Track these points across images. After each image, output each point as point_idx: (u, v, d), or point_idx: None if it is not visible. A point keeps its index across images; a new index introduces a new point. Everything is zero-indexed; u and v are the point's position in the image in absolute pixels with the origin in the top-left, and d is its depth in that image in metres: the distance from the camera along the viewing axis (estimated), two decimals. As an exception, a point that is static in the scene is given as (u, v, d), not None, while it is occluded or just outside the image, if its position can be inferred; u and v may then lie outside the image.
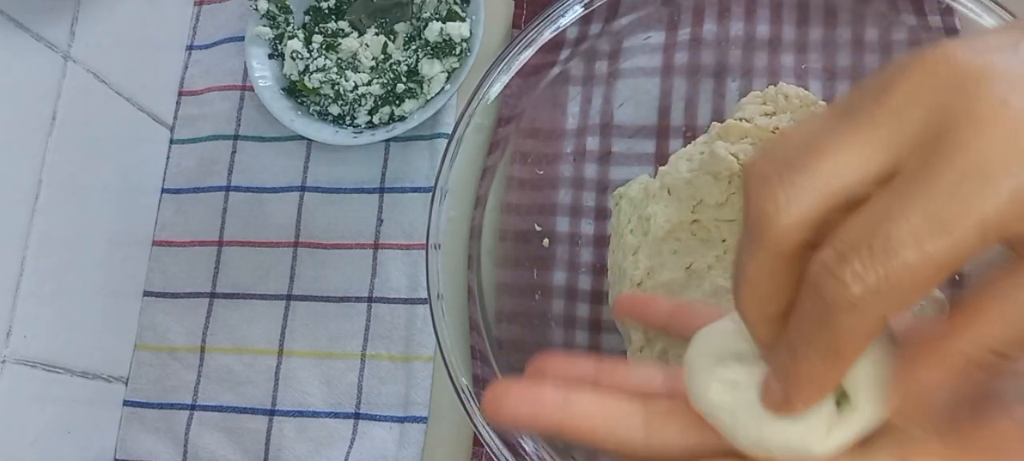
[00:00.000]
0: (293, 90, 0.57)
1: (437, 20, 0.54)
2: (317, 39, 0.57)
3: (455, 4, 0.55)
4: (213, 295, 0.57)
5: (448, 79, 0.55)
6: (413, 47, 0.55)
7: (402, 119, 0.55)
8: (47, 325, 0.50)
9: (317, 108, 0.56)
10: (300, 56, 0.55)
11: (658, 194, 0.46)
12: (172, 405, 0.55)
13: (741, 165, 0.25)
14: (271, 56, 0.58)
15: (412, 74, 0.55)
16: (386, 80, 0.55)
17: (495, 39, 0.57)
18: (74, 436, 0.52)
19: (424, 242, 0.43)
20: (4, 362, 0.47)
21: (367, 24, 0.58)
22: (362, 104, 0.55)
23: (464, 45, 0.55)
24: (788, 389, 0.24)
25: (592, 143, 0.49)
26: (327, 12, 0.58)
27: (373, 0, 0.58)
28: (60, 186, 0.51)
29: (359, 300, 0.54)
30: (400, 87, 0.54)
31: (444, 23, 0.54)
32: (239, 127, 0.60)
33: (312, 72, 0.55)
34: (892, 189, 0.21)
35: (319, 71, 0.55)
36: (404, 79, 0.55)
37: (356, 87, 0.55)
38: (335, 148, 0.57)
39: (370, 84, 0.55)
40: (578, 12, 0.44)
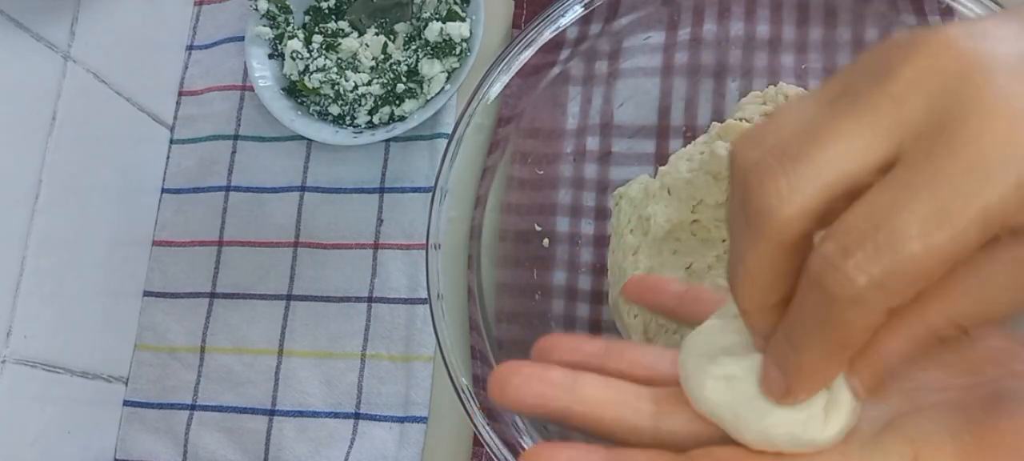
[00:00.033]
0: (293, 90, 0.57)
1: (437, 20, 0.54)
2: (317, 39, 0.57)
3: (455, 4, 0.55)
4: (213, 295, 0.57)
5: (448, 79, 0.55)
6: (413, 47, 0.55)
7: (402, 119, 0.55)
8: (47, 325, 0.50)
9: (317, 108, 0.56)
10: (300, 56, 0.55)
11: (658, 194, 0.46)
12: (172, 405, 0.55)
13: (728, 150, 0.24)
14: (271, 56, 0.58)
15: (412, 74, 0.55)
16: (386, 80, 0.55)
17: (495, 39, 0.57)
18: (74, 436, 0.52)
19: (424, 242, 0.43)
20: (4, 362, 0.47)
21: (367, 24, 0.58)
22: (362, 104, 0.55)
23: (464, 45, 0.55)
24: (790, 379, 0.24)
25: (592, 143, 0.49)
26: (327, 12, 0.58)
27: (373, 0, 0.58)
28: (60, 186, 0.51)
29: (359, 300, 0.54)
30: (400, 87, 0.54)
31: (444, 23, 0.54)
32: (239, 127, 0.60)
33: (312, 72, 0.55)
34: (895, 179, 0.21)
35: (319, 71, 0.55)
36: (404, 79, 0.55)
37: (356, 87, 0.54)
38: (335, 148, 0.57)
39: (370, 84, 0.55)
40: (578, 12, 0.44)
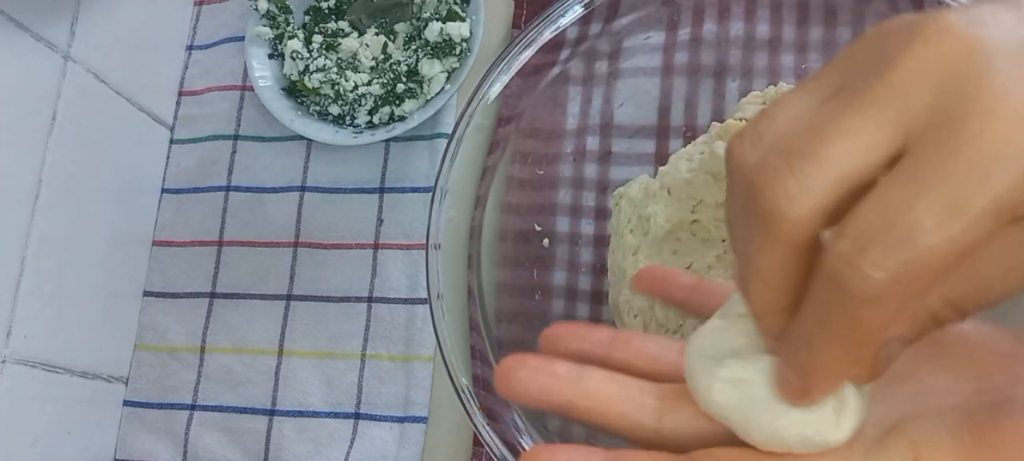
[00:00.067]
0: (293, 90, 0.57)
1: (437, 20, 0.54)
2: (317, 39, 0.57)
3: (455, 4, 0.55)
4: (213, 295, 0.57)
5: (448, 79, 0.55)
6: (413, 47, 0.55)
7: (402, 119, 0.55)
8: (47, 325, 0.50)
9: (317, 108, 0.56)
10: (300, 56, 0.55)
11: (658, 194, 0.46)
12: (172, 405, 0.55)
13: (725, 148, 0.24)
14: (271, 56, 0.58)
15: (412, 74, 0.55)
16: (386, 80, 0.55)
17: (495, 39, 0.57)
18: (74, 436, 0.52)
19: (424, 242, 0.43)
20: (4, 362, 0.47)
21: (367, 24, 0.58)
22: (362, 104, 0.55)
23: (464, 45, 0.55)
24: (807, 381, 0.24)
25: (592, 143, 0.49)
26: (327, 12, 0.58)
27: (373, 0, 0.58)
28: (60, 186, 0.51)
29: (359, 300, 0.54)
30: (400, 87, 0.54)
31: (444, 23, 0.54)
32: (239, 127, 0.60)
33: (312, 72, 0.55)
34: (905, 173, 0.20)
35: (319, 71, 0.55)
36: (404, 79, 0.55)
37: (356, 87, 0.54)
38: (335, 148, 0.57)
39: (370, 84, 0.55)
40: (578, 12, 0.44)
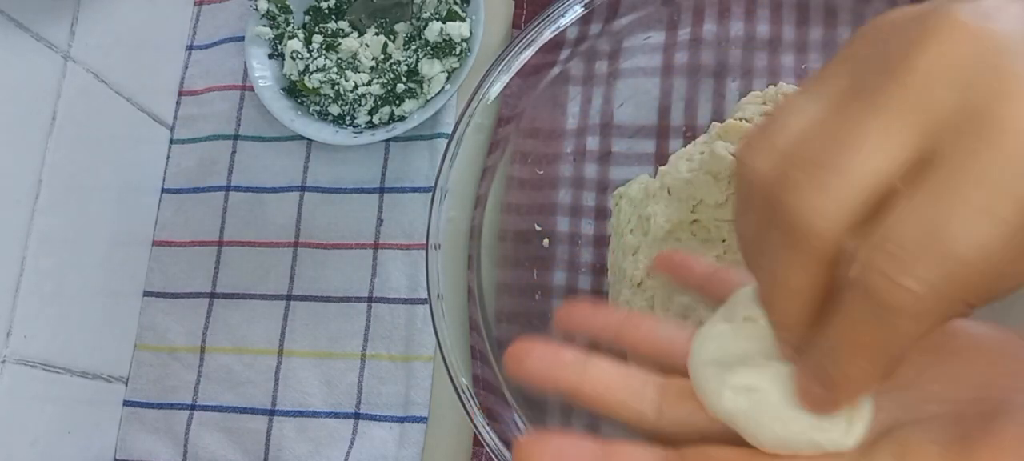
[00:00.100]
0: (293, 90, 0.57)
1: (437, 20, 0.54)
2: (317, 39, 0.57)
3: (455, 4, 0.55)
4: (213, 295, 0.57)
5: (448, 79, 0.55)
6: (413, 47, 0.55)
7: (402, 119, 0.55)
8: (47, 325, 0.50)
9: (317, 108, 0.56)
10: (300, 56, 0.55)
11: (658, 194, 0.46)
12: (172, 405, 0.55)
13: (735, 158, 0.24)
14: (271, 56, 0.58)
15: (412, 74, 0.55)
16: (386, 80, 0.55)
17: (495, 39, 0.57)
18: (74, 436, 0.52)
19: (424, 242, 0.43)
20: (4, 362, 0.47)
21: (367, 24, 0.58)
22: (362, 104, 0.55)
23: (464, 45, 0.55)
24: (835, 392, 0.23)
25: (592, 143, 0.49)
26: (327, 12, 0.58)
27: (373, 0, 0.58)
28: (60, 186, 0.51)
29: (359, 300, 0.54)
30: (400, 87, 0.54)
31: (444, 23, 0.54)
32: (239, 127, 0.60)
33: (312, 72, 0.55)
34: (935, 180, 0.20)
35: (319, 71, 0.55)
36: (404, 79, 0.55)
37: (356, 87, 0.54)
38: (335, 148, 0.57)
39: (370, 84, 0.55)
40: (578, 12, 0.44)
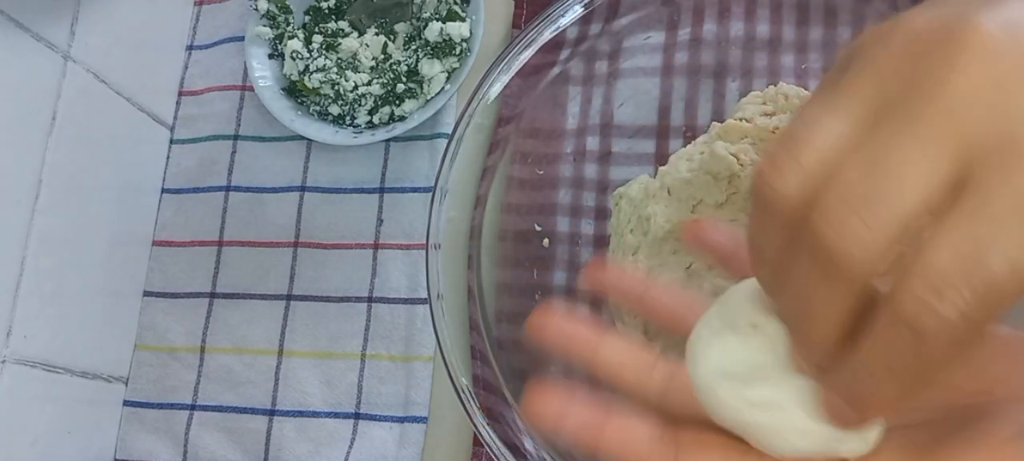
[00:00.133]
0: (293, 90, 0.57)
1: (437, 20, 0.54)
2: (317, 39, 0.57)
3: (455, 4, 0.55)
4: (213, 295, 0.57)
5: (448, 79, 0.55)
6: (413, 47, 0.55)
7: (402, 119, 0.55)
8: (47, 325, 0.50)
9: (317, 108, 0.56)
10: (300, 56, 0.55)
11: (658, 194, 0.46)
12: (172, 405, 0.55)
13: (753, 176, 0.24)
14: (271, 56, 0.58)
15: (412, 74, 0.55)
16: (386, 80, 0.55)
17: (495, 39, 0.57)
18: (74, 436, 0.52)
19: (424, 242, 0.43)
20: (4, 362, 0.47)
21: (367, 24, 0.58)
22: (362, 104, 0.55)
23: (464, 45, 0.55)
24: (866, 412, 0.23)
25: (592, 143, 0.49)
26: (327, 12, 0.58)
27: (373, 0, 0.58)
28: (60, 186, 0.51)
29: (359, 300, 0.54)
30: (400, 87, 0.54)
31: (444, 23, 0.54)
32: (239, 127, 0.60)
33: (312, 72, 0.55)
34: (974, 206, 0.20)
35: (319, 71, 0.55)
36: (404, 79, 0.55)
37: (356, 87, 0.54)
38: (335, 148, 0.57)
39: (370, 84, 0.55)
40: (578, 12, 0.44)
